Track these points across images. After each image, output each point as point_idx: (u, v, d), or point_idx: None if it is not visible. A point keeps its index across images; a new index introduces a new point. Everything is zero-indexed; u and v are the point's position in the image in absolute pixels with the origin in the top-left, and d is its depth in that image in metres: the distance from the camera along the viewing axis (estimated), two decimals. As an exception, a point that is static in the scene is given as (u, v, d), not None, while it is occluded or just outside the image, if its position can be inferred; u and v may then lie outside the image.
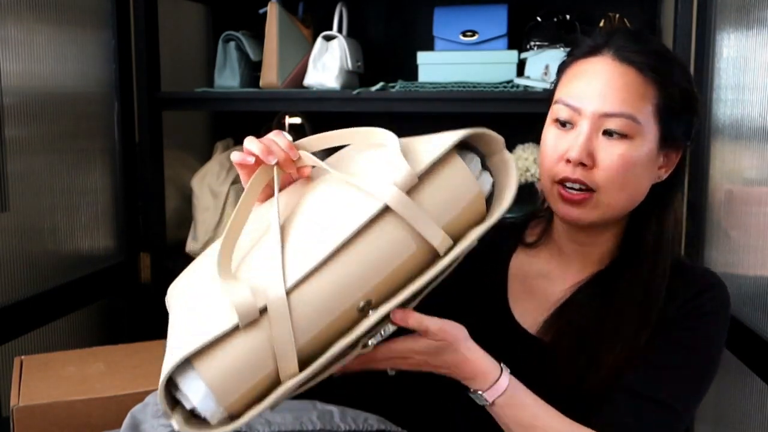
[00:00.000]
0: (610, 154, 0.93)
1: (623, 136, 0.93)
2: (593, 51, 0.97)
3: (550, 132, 0.98)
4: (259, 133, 2.19)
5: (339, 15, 1.92)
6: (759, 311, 1.37)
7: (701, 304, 0.97)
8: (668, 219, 1.01)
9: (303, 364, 0.76)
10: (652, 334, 0.96)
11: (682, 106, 0.96)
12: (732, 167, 1.53)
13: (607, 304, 0.98)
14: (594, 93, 0.93)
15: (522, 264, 1.09)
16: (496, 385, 0.89)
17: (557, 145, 0.96)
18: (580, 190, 0.95)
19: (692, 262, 1.08)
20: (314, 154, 0.90)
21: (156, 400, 1.10)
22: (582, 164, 0.93)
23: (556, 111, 0.97)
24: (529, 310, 1.05)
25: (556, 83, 1.02)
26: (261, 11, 1.89)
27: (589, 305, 1.00)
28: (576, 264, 1.04)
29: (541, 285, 1.06)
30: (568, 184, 0.95)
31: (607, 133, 0.93)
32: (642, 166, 0.95)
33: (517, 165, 1.75)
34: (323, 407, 1.20)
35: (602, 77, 0.94)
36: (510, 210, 0.86)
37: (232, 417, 0.76)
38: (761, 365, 1.34)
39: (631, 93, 0.93)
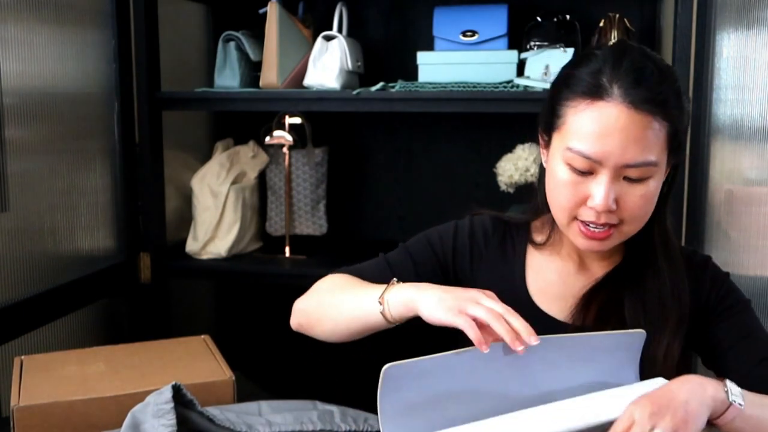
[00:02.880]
0: (633, 196, 0.96)
1: (644, 179, 0.96)
2: (599, 92, 0.94)
3: (564, 174, 0.98)
4: (258, 134, 2.18)
5: (339, 15, 1.92)
6: (759, 311, 1.37)
7: (720, 278, 1.10)
8: (667, 212, 1.07)
9: None
10: (719, 320, 1.05)
11: (684, 125, 1.00)
12: (732, 167, 1.53)
13: (637, 293, 1.04)
14: (613, 145, 0.93)
15: (539, 262, 1.12)
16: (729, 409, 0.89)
17: (577, 191, 0.97)
18: (603, 227, 0.98)
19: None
20: None
21: (156, 399, 1.10)
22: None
23: (571, 159, 0.96)
24: (554, 301, 1.09)
25: (555, 113, 1.00)
26: (261, 11, 1.89)
27: (616, 296, 1.05)
28: (594, 259, 1.10)
29: (563, 279, 1.10)
30: (591, 225, 0.98)
31: (628, 179, 0.96)
32: (658, 191, 0.99)
33: (518, 165, 1.76)
34: (323, 407, 1.20)
35: (619, 128, 0.93)
36: (513, 209, 0.87)
37: None
38: (761, 365, 1.33)
39: (650, 141, 0.94)
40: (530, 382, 0.92)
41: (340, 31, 1.91)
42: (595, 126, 0.94)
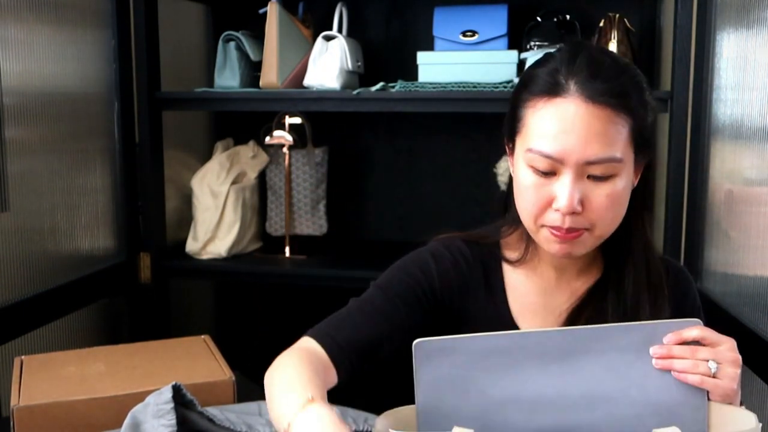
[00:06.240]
0: (599, 196, 0.93)
1: (609, 177, 0.92)
2: (556, 89, 0.92)
3: (527, 177, 0.95)
4: (258, 134, 2.18)
5: (339, 15, 1.92)
6: (759, 311, 1.37)
7: (694, 303, 1.08)
8: (644, 217, 1.03)
9: None
10: None
11: (649, 121, 0.96)
12: (732, 167, 1.53)
13: (621, 305, 1.02)
14: (574, 142, 0.90)
15: (517, 281, 1.07)
16: None
17: (540, 194, 0.94)
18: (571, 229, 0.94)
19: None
20: None
21: (156, 400, 1.10)
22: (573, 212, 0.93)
23: (532, 160, 0.93)
24: (537, 322, 1.05)
25: (516, 116, 0.98)
26: (261, 11, 1.89)
27: (601, 309, 1.03)
28: (572, 273, 1.06)
29: (544, 300, 1.06)
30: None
31: (593, 177, 0.92)
32: (626, 192, 0.96)
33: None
34: (323, 407, 1.19)
35: (578, 124, 0.90)
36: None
37: None
38: (761, 365, 1.34)
39: (610, 134, 0.91)
40: (574, 369, 0.89)
41: (340, 31, 1.91)
42: (554, 123, 0.91)
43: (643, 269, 1.02)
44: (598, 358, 0.90)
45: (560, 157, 0.91)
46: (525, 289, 1.06)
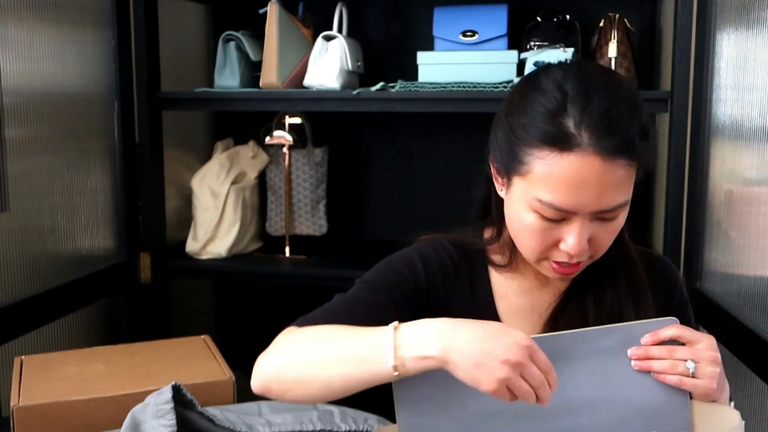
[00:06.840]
0: (605, 233, 0.94)
1: (616, 216, 0.93)
2: (567, 142, 0.87)
3: (531, 220, 0.93)
4: (258, 134, 2.17)
5: (339, 15, 1.92)
6: (759, 311, 1.37)
7: (682, 297, 1.09)
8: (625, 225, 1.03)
9: None
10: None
11: (650, 152, 0.95)
12: (732, 167, 1.53)
13: (601, 303, 1.03)
14: (588, 196, 0.89)
15: (503, 283, 1.07)
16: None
17: (547, 236, 0.93)
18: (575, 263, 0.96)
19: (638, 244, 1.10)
20: None
21: (156, 400, 1.10)
22: None
23: (541, 209, 0.91)
24: (524, 323, 1.05)
25: (517, 157, 0.92)
26: (261, 11, 1.89)
27: (581, 307, 1.03)
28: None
29: (530, 300, 1.07)
30: (564, 263, 0.96)
31: (600, 219, 0.92)
32: (625, 217, 0.96)
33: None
34: (323, 407, 1.20)
35: (594, 180, 0.88)
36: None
37: None
38: (761, 365, 1.34)
39: (623, 183, 0.90)
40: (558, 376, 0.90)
41: (340, 31, 1.91)
42: (567, 178, 0.88)
43: (622, 276, 1.03)
44: (578, 363, 0.91)
45: (574, 209, 0.90)
46: (512, 291, 1.07)
